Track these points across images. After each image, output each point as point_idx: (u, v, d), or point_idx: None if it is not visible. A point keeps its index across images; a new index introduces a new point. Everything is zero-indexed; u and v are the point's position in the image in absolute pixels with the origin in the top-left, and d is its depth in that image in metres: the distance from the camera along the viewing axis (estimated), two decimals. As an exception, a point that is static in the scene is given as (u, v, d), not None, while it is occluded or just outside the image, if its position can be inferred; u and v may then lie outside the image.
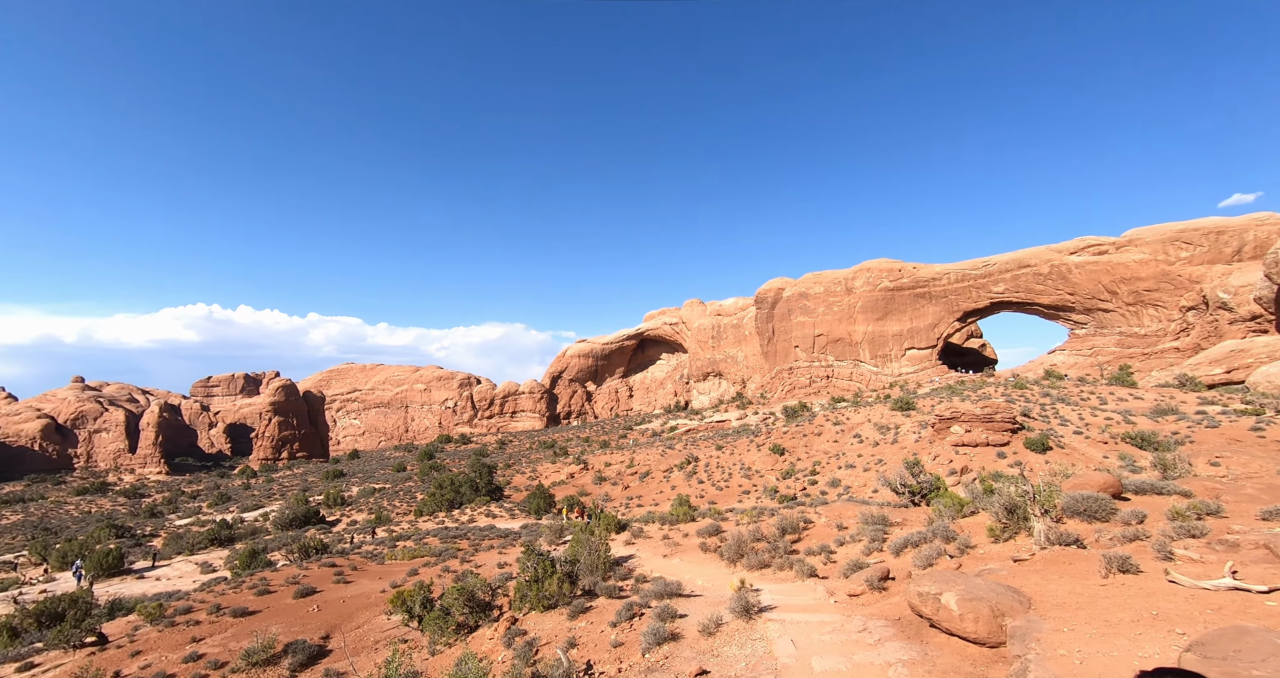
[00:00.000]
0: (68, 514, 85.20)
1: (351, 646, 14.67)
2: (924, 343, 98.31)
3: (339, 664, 13.66)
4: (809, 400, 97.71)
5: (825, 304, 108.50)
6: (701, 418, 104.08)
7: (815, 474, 45.61)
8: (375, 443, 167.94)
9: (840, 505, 23.03)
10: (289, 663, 13.88)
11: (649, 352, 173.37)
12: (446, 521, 43.46)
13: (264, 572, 25.28)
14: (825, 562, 14.87)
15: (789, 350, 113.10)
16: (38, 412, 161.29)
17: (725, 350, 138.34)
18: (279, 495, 77.77)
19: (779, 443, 55.59)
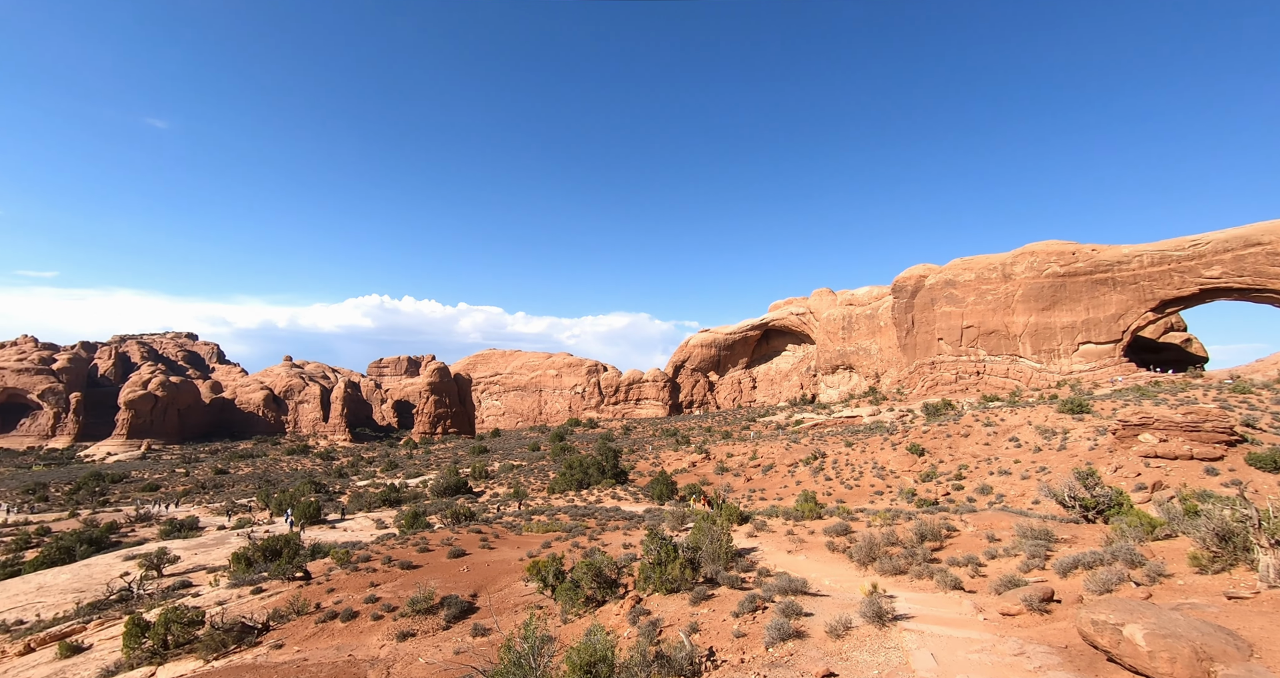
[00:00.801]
0: (281, 470, 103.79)
1: (495, 605, 16.21)
2: (1103, 336, 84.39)
3: (485, 621, 15.17)
4: (954, 398, 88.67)
5: (976, 292, 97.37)
6: (830, 412, 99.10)
7: (960, 479, 41.41)
8: (513, 423, 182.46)
9: (991, 515, 20.70)
10: (445, 615, 15.69)
11: (773, 342, 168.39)
12: (576, 499, 46.09)
13: (424, 532, 28.79)
14: (973, 575, 13.50)
15: (931, 343, 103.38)
16: (260, 384, 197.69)
17: (857, 342, 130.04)
18: (435, 466, 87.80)
19: (918, 443, 51.22)
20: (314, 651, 14.63)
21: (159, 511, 60.97)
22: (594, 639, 8.49)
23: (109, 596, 24.80)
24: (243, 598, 19.97)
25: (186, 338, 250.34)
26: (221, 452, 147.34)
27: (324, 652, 14.43)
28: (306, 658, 14.04)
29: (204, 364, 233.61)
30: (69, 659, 16.92)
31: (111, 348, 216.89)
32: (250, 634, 15.85)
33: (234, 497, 69.67)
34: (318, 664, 13.45)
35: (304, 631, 15.95)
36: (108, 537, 43.71)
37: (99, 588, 26.82)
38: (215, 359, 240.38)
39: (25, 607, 24.78)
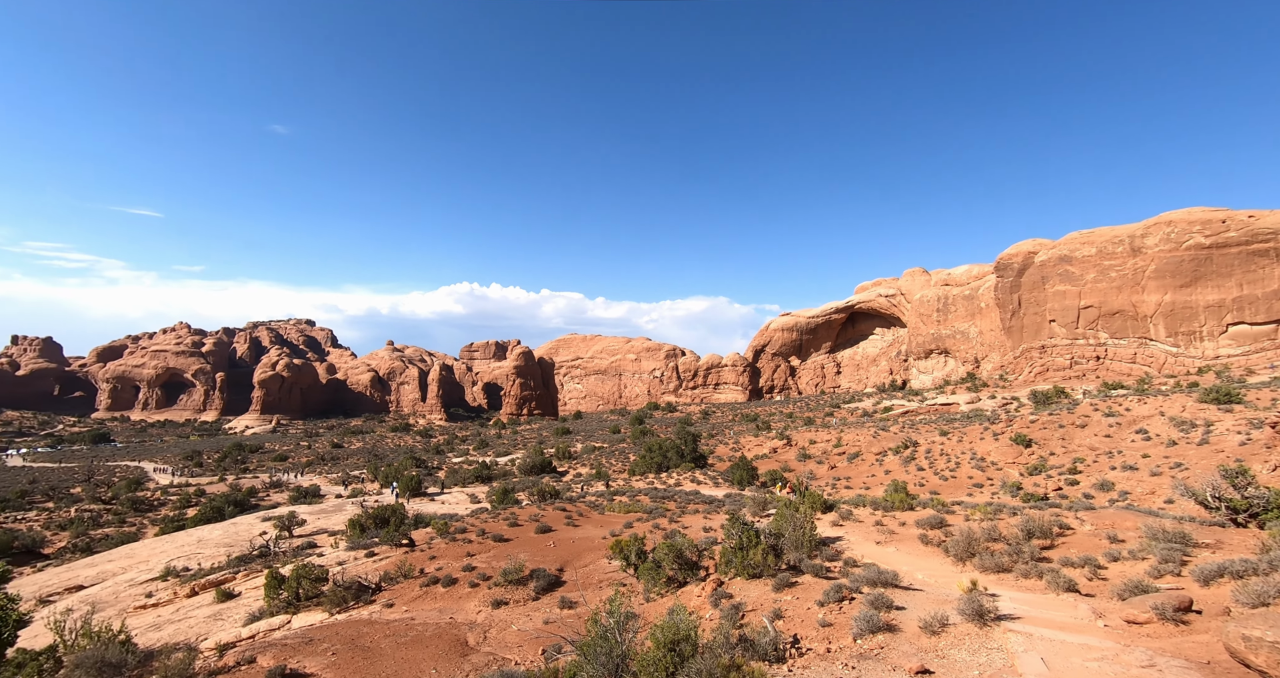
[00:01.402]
0: (387, 445, 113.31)
1: (581, 580, 16.88)
2: (1261, 316, 73.21)
3: (572, 594, 15.84)
4: (1067, 385, 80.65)
5: (1098, 269, 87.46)
6: (922, 399, 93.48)
7: (1075, 473, 37.76)
8: (594, 406, 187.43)
9: (1114, 513, 18.74)
10: (534, 586, 16.54)
11: (860, 326, 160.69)
12: (655, 482, 46.77)
13: (513, 508, 30.41)
14: (1090, 577, 12.32)
15: (1041, 325, 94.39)
16: (367, 366, 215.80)
17: (954, 325, 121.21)
18: (521, 445, 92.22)
19: (1024, 433, 47.19)
20: (420, 611, 15.95)
21: (287, 479, 68.62)
22: (677, 619, 8.61)
23: (251, 551, 28.34)
24: (358, 560, 22.10)
25: (306, 324, 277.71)
26: (336, 428, 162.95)
27: (428, 613, 15.70)
28: (414, 618, 15.34)
29: (320, 348, 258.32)
30: (224, 603, 19.56)
31: (246, 333, 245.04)
32: (366, 593, 17.54)
33: (348, 469, 77.00)
34: (423, 624, 14.66)
35: (410, 593, 17.42)
36: (249, 500, 49.89)
37: (244, 544, 30.71)
38: (330, 343, 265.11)
39: (189, 556, 28.88)
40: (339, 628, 14.72)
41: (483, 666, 11.95)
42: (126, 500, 54.67)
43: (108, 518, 49.19)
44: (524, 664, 11.79)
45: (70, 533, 43.46)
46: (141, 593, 23.01)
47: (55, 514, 51.16)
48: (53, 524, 46.90)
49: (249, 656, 12.87)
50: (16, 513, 52.67)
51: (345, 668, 12.06)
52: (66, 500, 57.99)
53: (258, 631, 16.11)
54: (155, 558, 29.26)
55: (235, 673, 11.98)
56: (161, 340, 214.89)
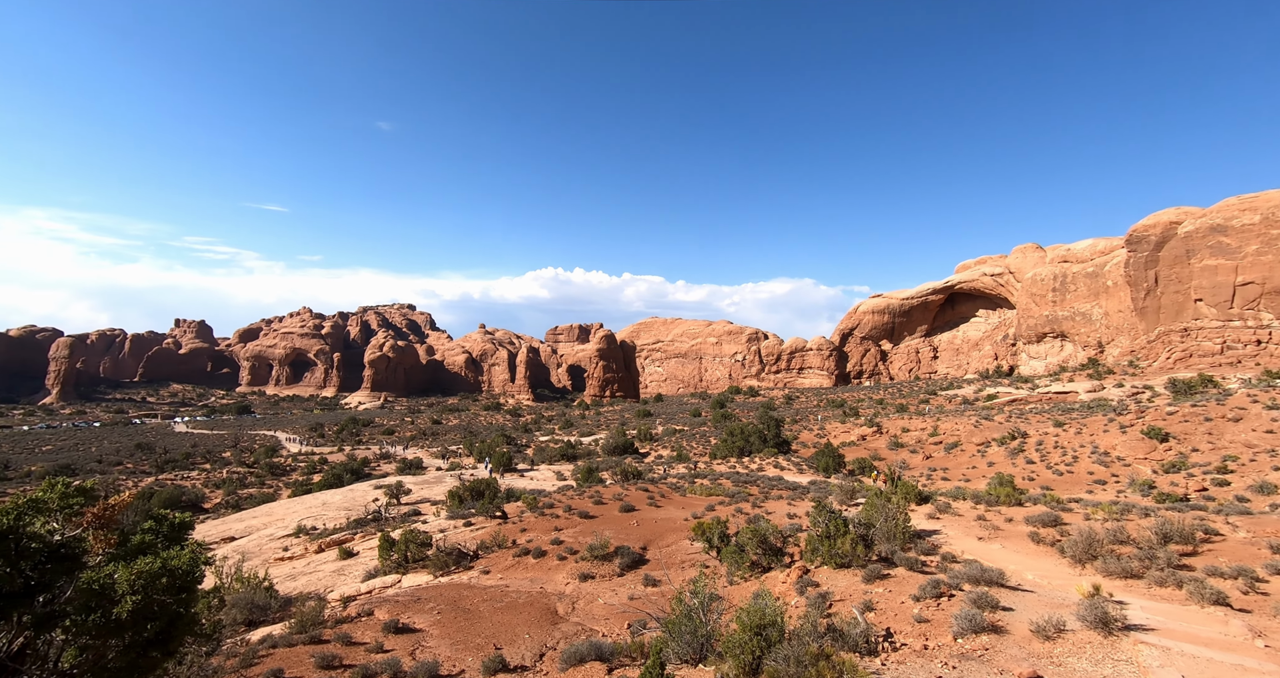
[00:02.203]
0: (480, 423, 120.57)
1: (664, 560, 17.16)
2: None
3: (655, 573, 16.15)
4: (1216, 373, 70.55)
5: (1262, 239, 75.29)
6: (1033, 387, 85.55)
7: (1225, 473, 33.14)
8: (675, 389, 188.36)
9: (1276, 519, 16.27)
10: (619, 563, 17.03)
11: (960, 308, 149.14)
12: (737, 466, 46.40)
13: (597, 487, 31.36)
14: (1245, 590, 10.80)
15: (1183, 305, 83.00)
16: (462, 348, 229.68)
17: (1072, 306, 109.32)
18: (604, 426, 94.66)
19: (1159, 426, 41.94)
20: (513, 580, 16.94)
21: (394, 451, 74.95)
22: (762, 603, 8.52)
23: (366, 515, 31.34)
24: (457, 529, 23.79)
25: (408, 308, 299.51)
26: (435, 405, 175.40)
27: (520, 582, 16.63)
28: (508, 585, 16.32)
29: (420, 330, 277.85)
30: (345, 561, 21.83)
31: (357, 317, 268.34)
32: (465, 559, 18.87)
33: (446, 444, 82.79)
34: (516, 592, 15.56)
35: (504, 562, 18.53)
36: (363, 469, 55.09)
37: (360, 508, 34.01)
38: (428, 326, 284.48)
39: (316, 517, 32.45)
40: (442, 590, 15.96)
41: (572, 635, 12.51)
42: (265, 465, 62.22)
43: (251, 480, 56.31)
44: (611, 637, 12.20)
45: (223, 492, 50.19)
46: (279, 547, 26.16)
47: (211, 474, 59.29)
48: (210, 483, 54.40)
49: (367, 609, 14.29)
50: (183, 472, 61.59)
51: (449, 626, 13.08)
52: (219, 463, 66.99)
53: (374, 587, 17.83)
54: (289, 517, 33.09)
55: (356, 623, 13.34)
56: (289, 324, 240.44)
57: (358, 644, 12.03)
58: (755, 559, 14.34)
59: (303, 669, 10.69)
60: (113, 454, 75.88)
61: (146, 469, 64.13)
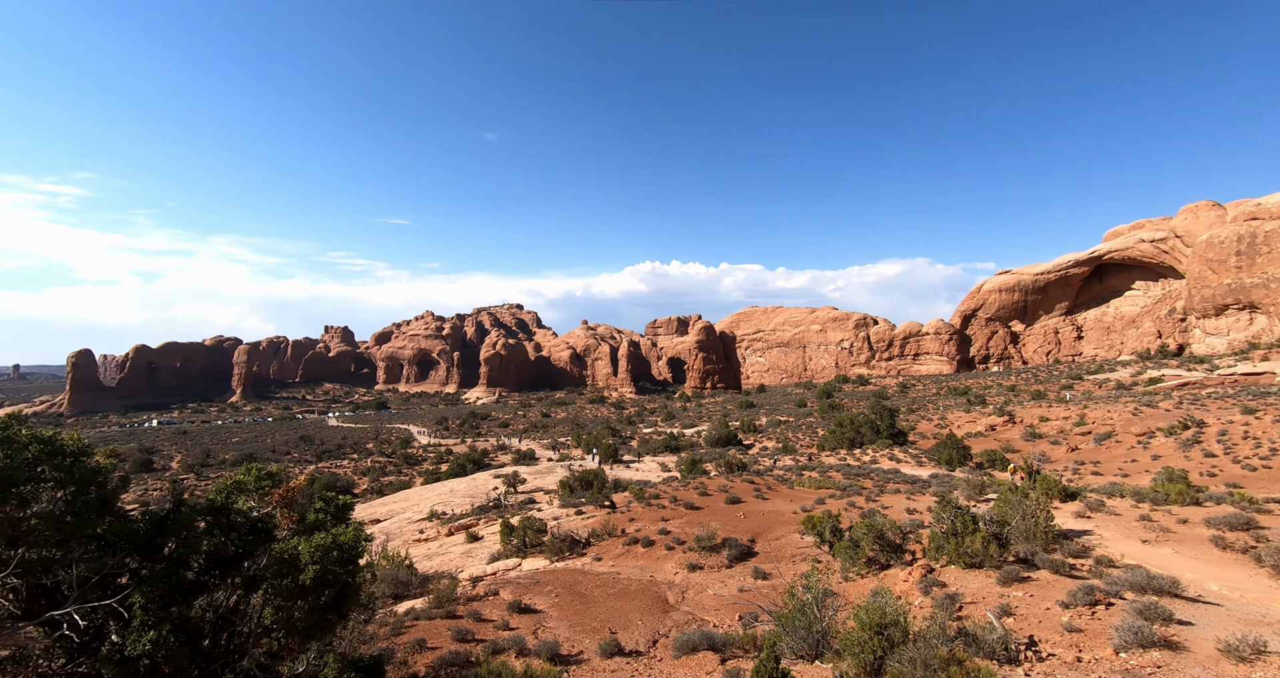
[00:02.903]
0: (586, 416, 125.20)
1: (773, 553, 16.79)
2: None
3: (764, 566, 15.87)
4: None
5: None
6: (1212, 368, 73.01)
7: None
8: (777, 379, 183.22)
9: None
10: (726, 554, 16.93)
11: (1110, 280, 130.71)
12: (848, 458, 44.24)
13: (702, 478, 31.34)
14: None
15: None
16: (566, 344, 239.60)
17: (1265, 271, 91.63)
18: (706, 418, 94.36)
19: (1393, 412, 34.00)
20: (623, 567, 17.44)
21: (510, 443, 79.99)
22: (883, 602, 8.06)
23: (488, 502, 33.78)
24: (569, 517, 24.91)
25: (516, 308, 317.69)
26: (544, 399, 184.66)
27: (631, 570, 17.08)
28: (619, 572, 16.83)
29: (528, 328, 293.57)
30: (472, 544, 23.71)
31: (472, 318, 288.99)
32: (577, 546, 19.73)
33: (555, 436, 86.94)
34: (628, 579, 16.00)
35: (614, 550, 19.12)
36: (483, 459, 59.42)
37: (482, 496, 36.72)
38: (535, 324, 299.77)
39: (444, 503, 35.55)
40: (558, 574, 16.81)
41: (683, 623, 12.64)
42: (401, 456, 69.14)
43: (390, 468, 62.85)
44: (722, 627, 12.17)
45: (369, 479, 56.49)
46: (416, 530, 28.97)
47: (358, 463, 66.99)
48: (358, 471, 61.49)
49: (493, 589, 15.41)
50: (336, 461, 70.14)
51: (567, 609, 13.75)
52: (364, 453, 75.45)
53: (497, 569, 19.19)
54: (423, 502, 36.50)
55: (485, 602, 14.44)
56: (415, 326, 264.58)
57: (487, 621, 13.01)
58: (872, 556, 13.60)
59: (442, 641, 11.75)
60: (283, 445, 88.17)
61: (309, 458, 73.81)
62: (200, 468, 67.76)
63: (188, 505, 5.02)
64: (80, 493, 4.30)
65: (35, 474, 4.18)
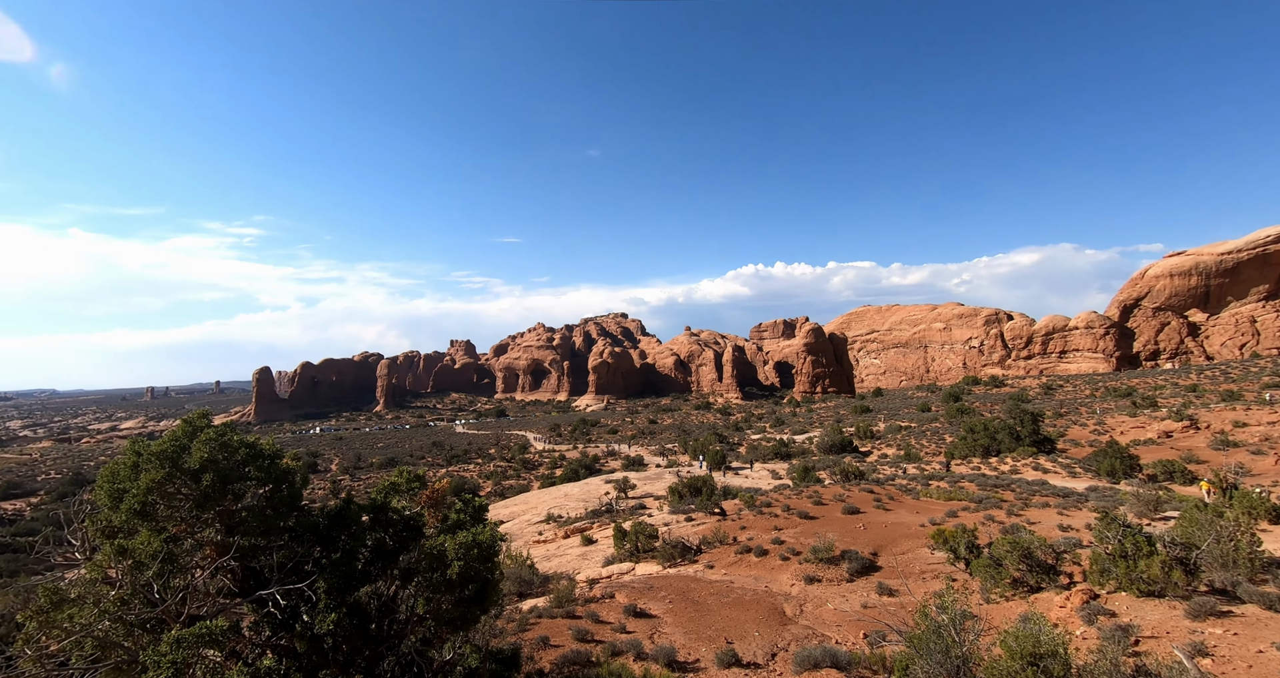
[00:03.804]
0: (692, 422, 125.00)
1: (901, 568, 15.64)
2: None
3: (890, 582, 14.83)
4: None
5: None
6: None
7: None
8: (896, 382, 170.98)
9: None
10: (847, 567, 16.05)
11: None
12: (982, 467, 40.15)
13: (815, 486, 30.02)
14: None
15: None
16: (670, 351, 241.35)
17: None
18: (818, 423, 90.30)
19: None
20: (736, 576, 17.15)
21: (619, 448, 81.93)
22: (1036, 629, 7.21)
23: (600, 507, 34.83)
24: (679, 523, 24.97)
25: (620, 317, 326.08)
26: (650, 406, 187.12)
27: (744, 579, 16.75)
28: (732, 581, 16.58)
29: (633, 336, 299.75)
30: (587, 547, 24.57)
31: (580, 328, 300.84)
32: (689, 553, 19.72)
33: (662, 442, 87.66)
34: (741, 588, 15.71)
35: (726, 558, 18.87)
36: (594, 465, 61.44)
37: (594, 500, 37.95)
38: (639, 332, 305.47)
39: (559, 507, 37.19)
40: (671, 580, 16.91)
41: (802, 637, 12.16)
42: (519, 461, 73.43)
43: (510, 472, 66.97)
44: (845, 645, 11.55)
45: (491, 482, 60.60)
46: (535, 531, 30.58)
47: (483, 467, 72.15)
48: (482, 474, 66.23)
49: (609, 592, 15.85)
50: (463, 465, 76.06)
51: (681, 615, 13.79)
52: (486, 458, 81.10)
53: (612, 572, 19.71)
54: (540, 505, 38.45)
55: (602, 604, 14.89)
56: (528, 338, 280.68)
57: (604, 623, 13.40)
58: (1018, 576, 12.22)
59: (563, 640, 12.28)
60: (418, 450, 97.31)
61: (440, 462, 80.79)
62: (354, 470, 76.75)
63: (355, 504, 5.79)
64: (276, 490, 5.16)
65: (244, 474, 5.09)
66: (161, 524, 4.68)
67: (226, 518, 4.91)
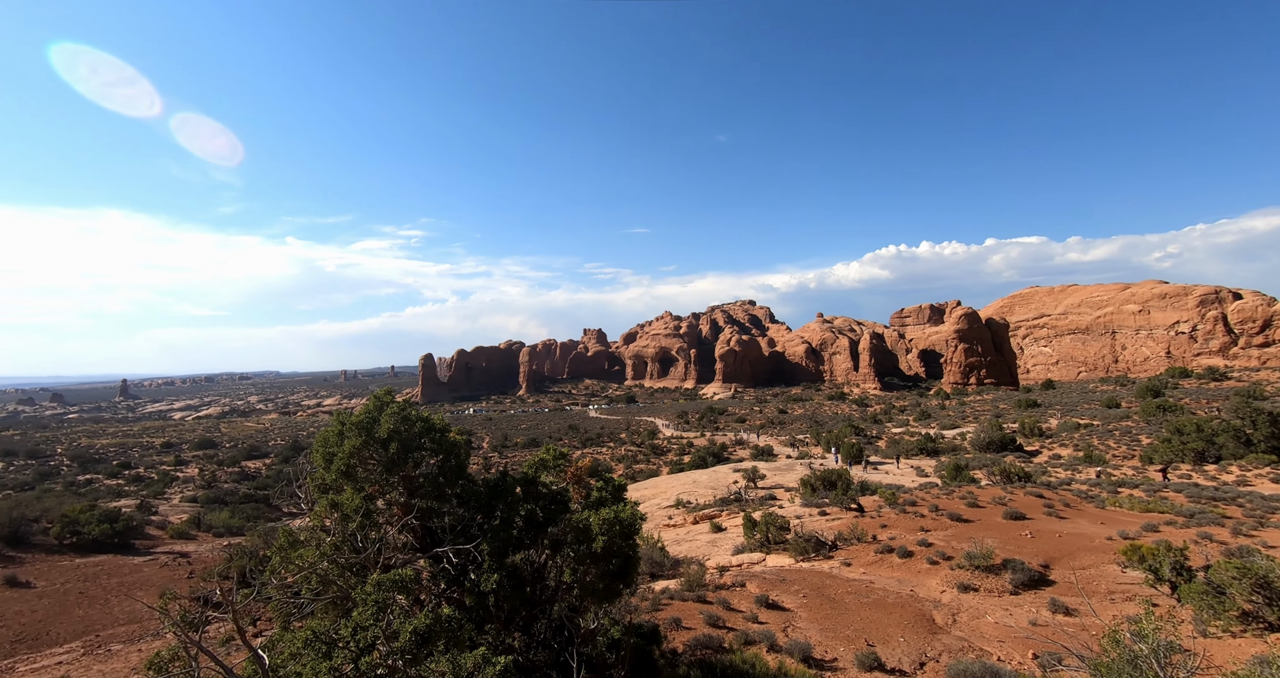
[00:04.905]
0: (825, 413, 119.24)
1: (1082, 585, 13.61)
2: None
3: (1066, 599, 13.01)
4: None
5: None
6: None
7: None
8: (1071, 373, 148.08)
9: None
10: (1010, 578, 14.36)
11: None
12: (1195, 476, 33.46)
13: (969, 487, 27.15)
14: None
15: None
16: (801, 339, 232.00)
17: None
18: (971, 418, 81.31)
19: None
20: (877, 576, 16.14)
21: (747, 438, 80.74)
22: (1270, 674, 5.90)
23: (729, 495, 34.70)
24: (812, 517, 24.05)
25: (748, 304, 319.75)
26: (779, 395, 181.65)
27: (886, 580, 15.71)
28: (872, 581, 15.64)
29: (761, 324, 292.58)
30: (716, 534, 24.66)
31: (706, 316, 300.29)
32: (823, 548, 18.94)
33: (793, 433, 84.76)
34: (883, 590, 14.76)
35: (865, 556, 17.82)
36: (722, 453, 61.24)
37: (723, 488, 37.89)
38: (768, 320, 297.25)
39: (688, 493, 37.69)
40: (804, 575, 16.38)
41: (956, 649, 11.15)
42: (649, 446, 75.52)
43: (640, 457, 69.19)
44: (1009, 663, 10.38)
45: (622, 466, 63.08)
46: (665, 515, 31.33)
47: (614, 451, 75.37)
48: (613, 457, 69.22)
49: (739, 580, 15.78)
50: (596, 448, 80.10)
51: (816, 612, 13.32)
52: (618, 442, 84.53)
53: (742, 561, 19.58)
54: (669, 490, 39.28)
55: (732, 592, 14.88)
56: (655, 327, 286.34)
57: (735, 611, 13.39)
58: (1250, 609, 10.05)
59: (695, 623, 12.49)
60: (556, 432, 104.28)
61: (575, 445, 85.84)
62: (501, 448, 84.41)
63: (510, 477, 6.41)
64: (446, 461, 5.89)
65: (420, 444, 5.89)
66: (360, 484, 5.60)
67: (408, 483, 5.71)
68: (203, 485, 55.35)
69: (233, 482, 58.46)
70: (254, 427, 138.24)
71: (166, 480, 57.95)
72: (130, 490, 51.22)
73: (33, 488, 51.88)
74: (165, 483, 56.12)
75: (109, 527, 25.57)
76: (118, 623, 18.12)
